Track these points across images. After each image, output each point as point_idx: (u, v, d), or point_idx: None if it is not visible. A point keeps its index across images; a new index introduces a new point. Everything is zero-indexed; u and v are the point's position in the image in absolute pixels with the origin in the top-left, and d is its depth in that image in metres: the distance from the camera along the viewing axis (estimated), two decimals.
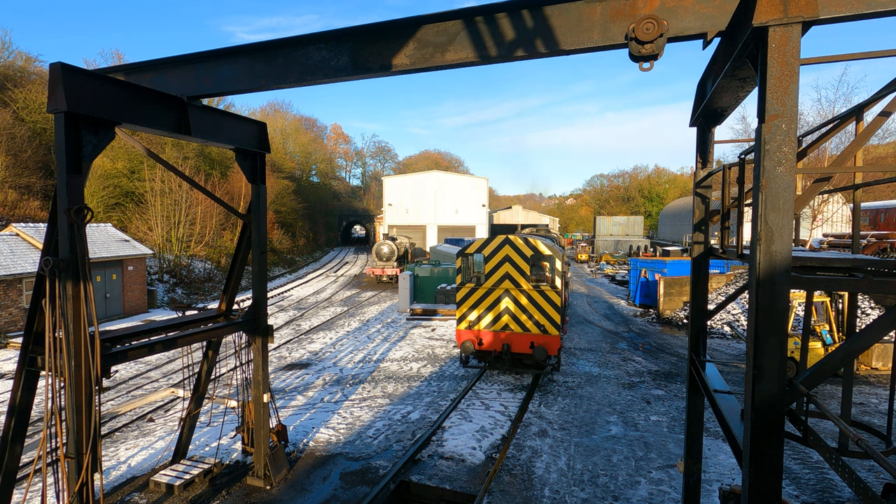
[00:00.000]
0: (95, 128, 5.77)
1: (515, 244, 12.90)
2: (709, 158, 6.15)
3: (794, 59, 3.46)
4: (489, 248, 13.19)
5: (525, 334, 12.83)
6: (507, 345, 12.92)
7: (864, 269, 3.97)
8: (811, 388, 3.87)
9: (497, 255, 13.09)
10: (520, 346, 12.93)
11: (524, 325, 12.87)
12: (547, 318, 12.73)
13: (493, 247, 13.14)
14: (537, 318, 12.76)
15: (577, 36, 4.64)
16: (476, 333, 13.29)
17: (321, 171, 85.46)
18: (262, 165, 8.54)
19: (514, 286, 12.88)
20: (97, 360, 5.69)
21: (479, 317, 13.26)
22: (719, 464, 9.29)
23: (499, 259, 13.05)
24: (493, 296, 13.13)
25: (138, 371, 15.49)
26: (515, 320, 12.97)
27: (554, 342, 12.73)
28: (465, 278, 13.57)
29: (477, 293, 13.27)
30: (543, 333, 12.69)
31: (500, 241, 13.03)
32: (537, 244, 12.80)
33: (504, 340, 12.96)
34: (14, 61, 35.58)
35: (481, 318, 13.24)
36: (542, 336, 12.72)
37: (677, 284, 23.28)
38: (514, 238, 13.00)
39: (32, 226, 21.79)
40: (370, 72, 5.50)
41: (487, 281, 13.15)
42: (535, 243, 12.80)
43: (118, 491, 8.28)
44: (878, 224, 25.33)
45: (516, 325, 12.96)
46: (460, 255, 13.56)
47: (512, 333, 12.99)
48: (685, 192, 78.04)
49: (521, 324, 12.90)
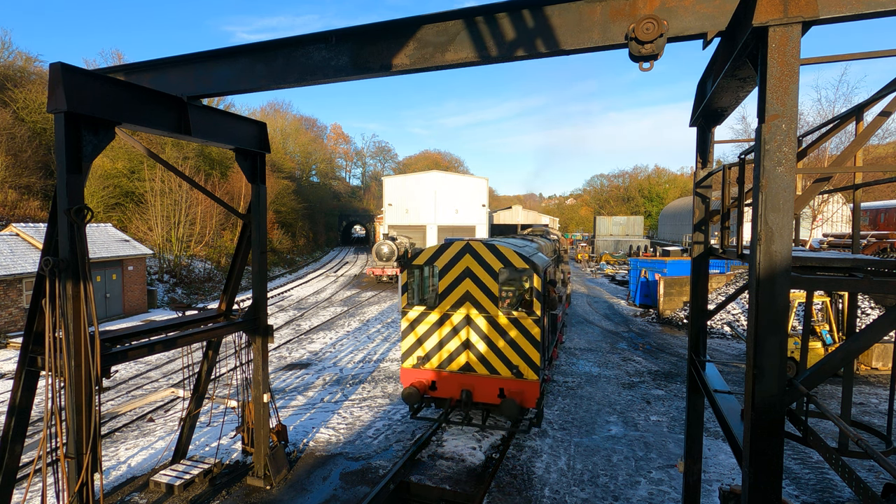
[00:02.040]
0: (95, 128, 5.77)
1: (479, 253, 9.57)
2: (709, 158, 6.16)
3: (794, 59, 3.46)
4: (444, 259, 9.75)
5: (492, 378, 9.43)
6: (467, 391, 9.49)
7: (864, 269, 3.97)
8: (811, 388, 3.88)
9: (455, 269, 9.67)
10: (484, 393, 9.48)
11: (491, 364, 9.46)
12: (522, 356, 9.26)
13: (450, 257, 9.70)
14: (509, 357, 9.33)
15: (578, 36, 4.64)
16: (427, 374, 9.82)
17: (321, 171, 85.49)
18: (262, 165, 8.54)
19: (479, 311, 9.53)
20: (97, 360, 5.69)
21: (430, 352, 9.80)
22: (719, 464, 9.29)
23: (457, 273, 9.65)
24: (449, 324, 9.72)
25: (138, 371, 15.49)
26: (480, 358, 9.52)
27: (531, 390, 9.21)
28: (412, 299, 10.10)
29: (428, 320, 9.83)
30: (517, 378, 9.24)
31: (458, 250, 9.67)
32: (509, 254, 9.40)
33: (464, 385, 9.57)
34: (14, 61, 35.59)
35: (434, 354, 9.79)
36: (514, 382, 9.27)
37: (677, 284, 23.29)
38: (477, 245, 9.63)
39: (32, 226, 21.79)
40: (370, 72, 5.50)
41: (442, 303, 9.75)
42: (507, 252, 9.42)
43: (118, 491, 8.28)
44: (878, 224, 25.33)
45: (481, 366, 9.52)
46: (406, 266, 10.08)
47: (475, 376, 9.53)
48: (685, 192, 78.05)
49: (486, 363, 9.49)
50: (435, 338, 9.87)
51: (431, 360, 9.87)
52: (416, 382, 9.70)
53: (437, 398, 9.97)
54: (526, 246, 11.35)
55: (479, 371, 9.57)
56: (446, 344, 9.78)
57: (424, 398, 9.96)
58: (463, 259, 9.72)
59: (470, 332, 9.65)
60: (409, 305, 10.03)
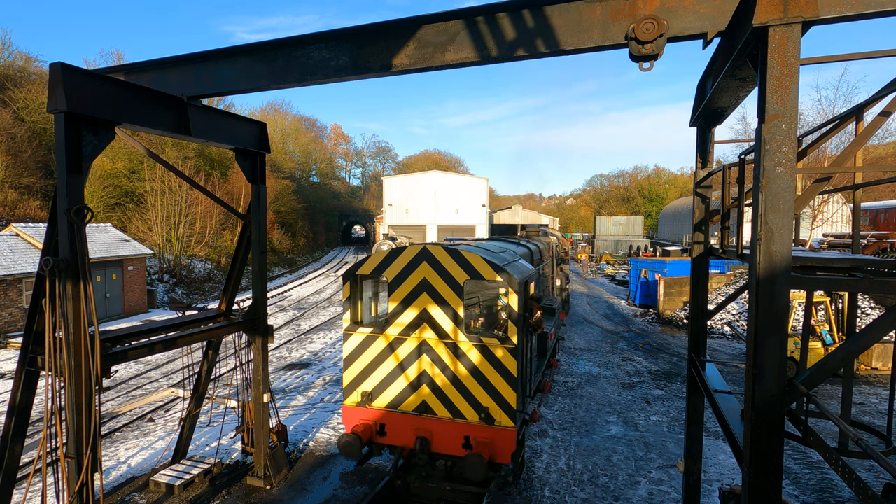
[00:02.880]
0: (95, 128, 5.77)
1: (439, 261, 7.53)
2: (709, 158, 6.16)
3: (794, 59, 3.46)
4: (395, 268, 7.75)
5: (455, 423, 7.37)
6: (423, 439, 7.42)
7: (864, 269, 3.97)
8: (811, 388, 3.88)
9: (409, 281, 7.66)
10: (445, 441, 7.41)
11: (454, 405, 7.41)
12: (493, 396, 7.21)
13: (402, 265, 7.71)
14: (476, 396, 7.29)
15: (578, 36, 4.64)
16: (374, 415, 7.79)
17: (321, 171, 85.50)
18: (262, 165, 8.54)
19: (439, 336, 7.50)
20: (97, 360, 5.69)
21: (379, 387, 7.80)
22: (719, 464, 9.29)
23: (411, 287, 7.64)
24: (401, 351, 7.70)
25: (138, 371, 15.49)
26: (440, 397, 7.50)
27: (504, 441, 7.11)
28: (357, 319, 8.02)
29: (375, 346, 7.82)
30: (486, 424, 7.18)
31: (412, 257, 7.68)
32: (476, 262, 7.36)
33: (420, 430, 7.51)
34: (14, 61, 35.60)
35: (383, 390, 7.79)
36: (483, 429, 7.19)
37: (677, 284, 23.30)
38: (436, 251, 7.60)
39: (32, 226, 21.79)
40: (370, 72, 5.50)
41: (394, 325, 7.75)
42: (473, 260, 7.38)
43: (118, 491, 8.28)
44: (878, 224, 25.33)
45: (441, 406, 7.48)
46: (348, 278, 8.00)
47: (434, 420, 7.47)
48: (685, 192, 78.07)
49: (448, 404, 7.45)
50: (384, 369, 7.78)
51: (380, 398, 7.80)
52: (359, 426, 7.66)
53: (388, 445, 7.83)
54: (504, 251, 9.04)
55: (438, 413, 7.47)
56: (398, 377, 7.72)
57: (373, 445, 7.86)
58: (419, 269, 7.61)
59: (428, 364, 7.56)
60: (353, 327, 7.95)
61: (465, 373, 7.40)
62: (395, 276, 7.77)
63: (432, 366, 7.57)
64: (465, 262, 7.43)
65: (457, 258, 7.48)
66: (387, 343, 7.81)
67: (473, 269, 7.37)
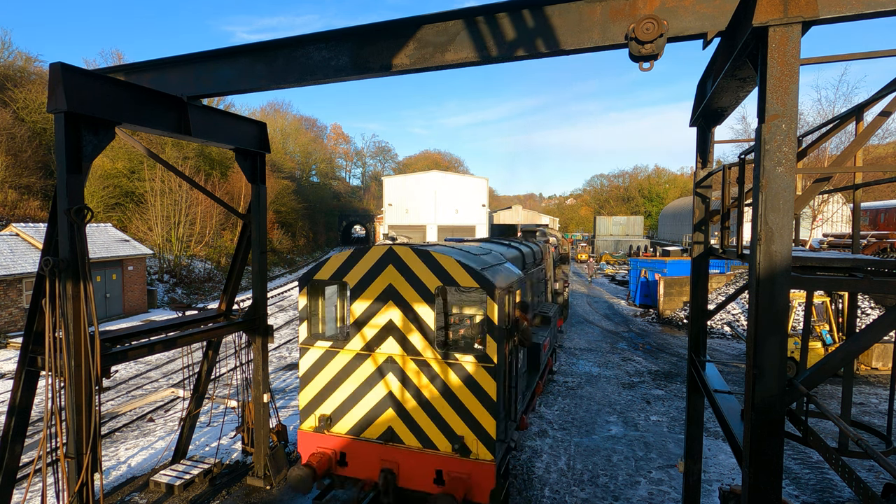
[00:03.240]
0: (95, 128, 5.77)
1: (407, 265, 6.62)
2: (709, 158, 6.16)
3: (794, 59, 3.46)
4: (357, 272, 6.86)
5: (426, 454, 6.45)
6: (389, 472, 6.52)
7: (864, 269, 3.97)
8: (811, 388, 3.88)
9: (373, 287, 6.79)
10: (414, 475, 6.49)
11: (425, 433, 6.50)
12: (470, 423, 6.30)
13: (365, 269, 6.82)
14: (450, 423, 6.38)
15: (578, 36, 4.64)
16: (334, 442, 6.86)
17: (321, 171, 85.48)
18: (262, 165, 8.54)
19: (408, 351, 6.63)
20: (97, 360, 5.69)
21: (340, 410, 6.91)
22: (719, 464, 9.29)
23: (376, 294, 6.77)
24: (365, 369, 6.82)
25: (138, 371, 15.49)
26: (409, 423, 6.59)
27: (482, 476, 6.18)
28: (315, 330, 7.27)
29: (336, 362, 6.95)
30: (461, 456, 6.26)
31: (376, 259, 6.77)
32: (450, 266, 6.41)
33: (386, 461, 6.60)
34: (14, 61, 35.59)
35: (344, 413, 6.89)
36: (458, 462, 6.28)
37: (677, 284, 23.30)
38: (404, 252, 6.69)
39: (32, 226, 21.79)
40: (370, 72, 5.50)
41: (356, 338, 6.86)
42: (447, 264, 6.44)
43: (118, 491, 8.28)
44: (878, 224, 25.33)
45: (410, 434, 6.58)
46: (305, 283, 7.18)
47: (401, 450, 6.56)
48: (685, 192, 78.08)
49: (418, 431, 6.54)
50: (345, 389, 6.89)
51: (341, 422, 6.87)
52: (317, 454, 6.72)
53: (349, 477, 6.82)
54: (487, 253, 7.95)
55: (406, 442, 6.54)
56: (361, 399, 6.80)
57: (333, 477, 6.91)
58: (384, 272, 6.70)
59: (394, 384, 6.65)
60: (311, 340, 7.11)
61: (438, 395, 6.47)
62: (358, 281, 6.87)
63: (400, 386, 6.65)
64: (436, 266, 6.48)
65: (427, 261, 6.53)
66: (348, 359, 6.91)
67: (446, 274, 6.44)
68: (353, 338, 6.89)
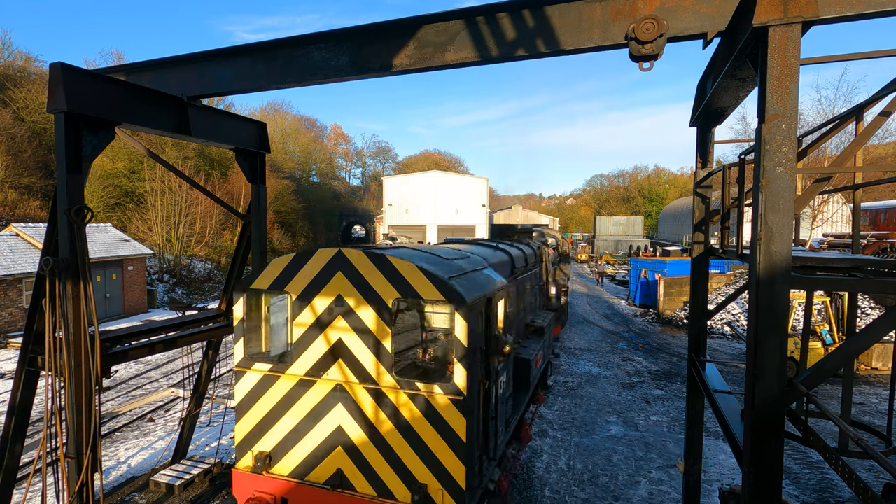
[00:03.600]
0: (95, 128, 5.77)
1: (359, 271, 5.55)
2: (709, 158, 6.16)
3: (794, 59, 3.46)
4: (301, 281, 5.78)
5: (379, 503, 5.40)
6: None
7: (864, 269, 3.97)
8: (811, 388, 3.88)
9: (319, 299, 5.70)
10: None
11: (379, 478, 5.46)
12: (432, 467, 5.25)
13: (310, 277, 5.73)
14: (409, 466, 5.34)
15: (578, 36, 4.64)
16: (273, 485, 5.80)
17: (321, 171, 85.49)
18: (262, 165, 8.54)
19: (360, 378, 5.53)
20: (97, 360, 5.69)
21: (280, 447, 5.87)
22: (719, 464, 9.29)
23: (323, 307, 5.68)
24: (309, 398, 5.73)
25: (138, 371, 15.49)
26: (361, 465, 5.54)
27: None
28: (252, 350, 6.13)
29: (276, 389, 5.87)
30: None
31: (324, 265, 5.68)
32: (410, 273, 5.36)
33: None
34: (14, 61, 35.59)
35: (286, 451, 5.84)
36: None
37: (677, 284, 23.30)
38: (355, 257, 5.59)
39: (32, 226, 21.80)
40: (370, 72, 5.50)
41: (300, 360, 5.76)
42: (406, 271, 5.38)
43: (118, 491, 8.28)
44: (878, 224, 25.33)
45: (361, 478, 5.53)
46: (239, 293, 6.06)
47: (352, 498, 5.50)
48: (685, 192, 78.10)
49: (371, 475, 5.50)
50: (287, 422, 5.77)
51: (282, 462, 5.82)
52: (254, 500, 5.70)
53: None
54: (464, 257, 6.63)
55: (358, 488, 5.48)
56: (305, 435, 5.67)
57: None
58: (332, 281, 5.58)
59: (345, 417, 5.51)
60: (247, 362, 5.99)
61: (395, 432, 5.32)
62: (302, 291, 5.73)
63: (351, 421, 5.50)
64: (394, 274, 5.38)
65: (383, 267, 5.43)
66: (290, 386, 5.77)
67: (405, 284, 5.32)
68: (296, 360, 5.76)
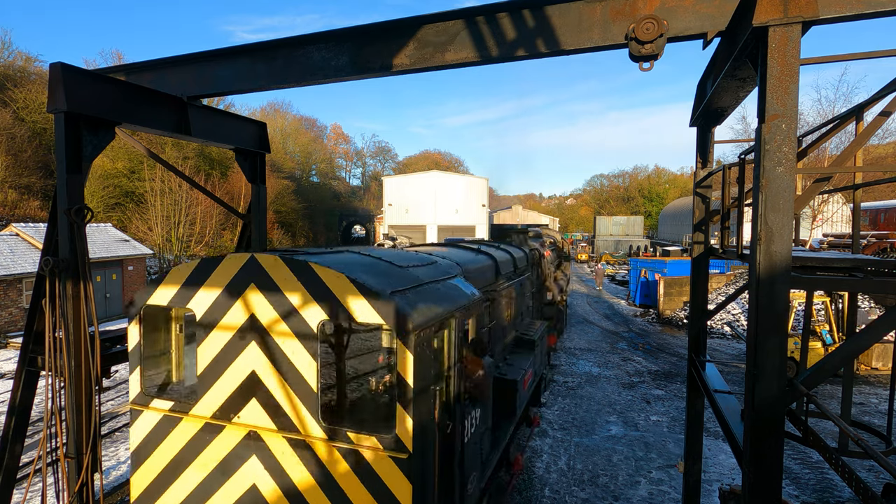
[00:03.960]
0: (95, 128, 5.77)
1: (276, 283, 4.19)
2: (709, 158, 6.16)
3: (794, 59, 3.46)
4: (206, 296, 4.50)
5: None
6: None
7: (865, 269, 3.97)
8: (811, 388, 3.88)
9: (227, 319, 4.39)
10: None
11: None
12: None
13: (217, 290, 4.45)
14: None
15: (578, 36, 4.64)
16: None
17: (321, 171, 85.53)
18: (262, 165, 8.53)
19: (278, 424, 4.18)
20: (97, 360, 5.69)
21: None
22: (719, 464, 9.29)
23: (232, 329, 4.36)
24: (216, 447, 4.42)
25: None
26: None
27: None
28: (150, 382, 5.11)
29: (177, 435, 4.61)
30: None
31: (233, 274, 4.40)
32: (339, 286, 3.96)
33: None
34: (14, 61, 35.62)
35: None
36: None
37: (677, 284, 23.30)
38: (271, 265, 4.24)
39: (32, 226, 21.80)
40: (370, 72, 5.50)
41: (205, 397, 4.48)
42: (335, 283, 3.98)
43: (118, 491, 8.28)
44: (878, 224, 25.33)
45: None
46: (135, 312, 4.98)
47: None
48: (685, 192, 78.09)
49: None
50: (192, 477, 4.55)
51: None
52: None
53: None
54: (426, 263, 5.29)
55: None
56: (213, 494, 4.45)
57: None
58: (243, 297, 4.34)
59: (261, 475, 4.26)
60: (144, 399, 4.87)
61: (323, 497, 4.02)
62: (207, 309, 4.46)
63: (268, 478, 4.21)
64: (319, 288, 4.05)
65: (306, 279, 4.10)
66: (194, 431, 4.51)
67: (334, 301, 3.98)
68: (202, 398, 4.47)
